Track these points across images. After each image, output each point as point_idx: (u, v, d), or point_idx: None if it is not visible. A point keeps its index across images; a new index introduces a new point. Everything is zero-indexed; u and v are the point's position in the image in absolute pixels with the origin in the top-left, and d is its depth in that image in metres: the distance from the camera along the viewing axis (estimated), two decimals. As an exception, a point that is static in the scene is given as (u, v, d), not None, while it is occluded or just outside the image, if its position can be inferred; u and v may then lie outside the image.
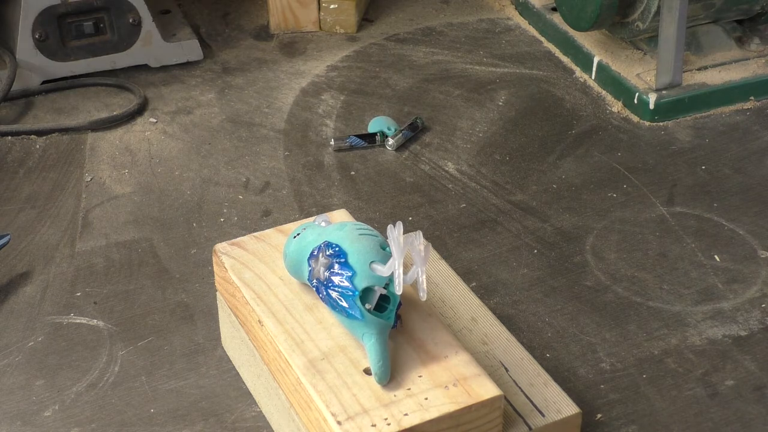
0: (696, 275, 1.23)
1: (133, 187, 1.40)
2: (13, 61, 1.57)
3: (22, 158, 1.46)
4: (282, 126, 1.53)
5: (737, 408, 1.06)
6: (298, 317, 0.97)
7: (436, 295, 1.08)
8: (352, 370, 0.91)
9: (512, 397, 0.97)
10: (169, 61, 1.67)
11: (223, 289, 1.07)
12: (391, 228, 0.89)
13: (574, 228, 1.32)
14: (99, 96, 1.61)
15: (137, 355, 1.12)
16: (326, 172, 1.43)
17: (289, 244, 0.99)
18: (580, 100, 1.59)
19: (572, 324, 1.16)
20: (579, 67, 1.66)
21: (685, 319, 1.17)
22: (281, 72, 1.67)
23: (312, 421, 0.91)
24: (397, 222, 0.90)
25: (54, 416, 1.05)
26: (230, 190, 1.39)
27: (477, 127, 1.53)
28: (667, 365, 1.11)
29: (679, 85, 1.55)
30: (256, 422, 1.04)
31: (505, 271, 1.24)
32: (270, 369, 0.99)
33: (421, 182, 1.41)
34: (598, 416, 1.05)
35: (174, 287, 1.22)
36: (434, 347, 0.94)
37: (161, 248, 1.28)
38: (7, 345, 1.14)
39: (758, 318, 1.17)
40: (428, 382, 0.90)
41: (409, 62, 1.69)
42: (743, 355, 1.12)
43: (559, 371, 1.09)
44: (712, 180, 1.41)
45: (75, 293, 1.21)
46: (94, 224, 1.33)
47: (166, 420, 1.04)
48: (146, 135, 1.51)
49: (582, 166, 1.44)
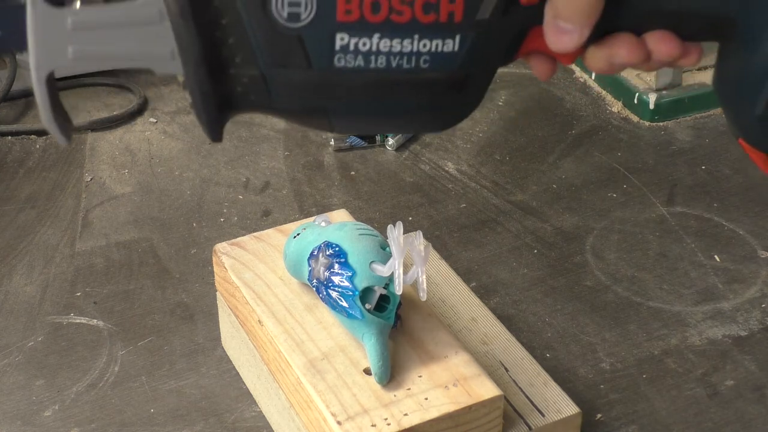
0: (696, 275, 1.23)
1: (133, 187, 1.40)
2: (13, 61, 1.57)
3: (22, 158, 1.46)
4: (282, 126, 1.53)
5: (737, 408, 1.06)
6: (298, 317, 0.97)
7: (436, 295, 1.08)
8: (352, 370, 0.91)
9: (512, 397, 0.97)
10: (169, 61, 1.66)
11: (223, 289, 1.07)
12: (391, 228, 0.89)
13: (574, 228, 1.32)
14: (99, 96, 1.61)
15: (137, 355, 1.12)
16: (326, 172, 1.43)
17: (289, 244, 0.99)
18: (580, 100, 1.59)
19: (572, 324, 1.16)
20: (579, 67, 1.66)
21: (685, 319, 1.17)
22: (281, 72, 1.67)
23: (312, 421, 0.91)
24: (397, 222, 0.90)
25: (54, 416, 1.05)
26: (230, 190, 1.39)
27: (477, 127, 1.53)
28: (667, 365, 1.11)
29: (679, 85, 1.55)
30: (256, 422, 1.04)
31: (505, 271, 1.24)
32: (270, 369, 0.99)
33: (421, 182, 1.41)
34: (598, 416, 1.05)
35: (174, 287, 1.22)
36: (434, 347, 0.94)
37: (161, 248, 1.28)
38: (7, 345, 1.14)
39: (758, 318, 1.17)
40: (428, 382, 0.90)
41: (409, 62, 1.69)
42: (743, 355, 1.12)
43: (559, 371, 1.09)
44: (712, 180, 1.41)
45: (75, 293, 1.21)
46: (94, 224, 1.33)
47: (166, 420, 1.04)
48: (146, 135, 1.51)
49: (582, 166, 1.44)
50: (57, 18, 0.65)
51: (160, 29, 0.65)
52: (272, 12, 0.64)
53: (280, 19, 0.64)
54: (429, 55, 0.65)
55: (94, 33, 0.65)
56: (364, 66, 0.65)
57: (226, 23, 0.64)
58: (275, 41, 0.65)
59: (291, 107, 0.68)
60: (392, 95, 0.67)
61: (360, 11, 0.64)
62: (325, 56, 0.65)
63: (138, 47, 0.66)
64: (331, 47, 0.64)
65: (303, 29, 0.64)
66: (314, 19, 0.64)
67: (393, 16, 0.64)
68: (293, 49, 0.65)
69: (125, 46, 0.66)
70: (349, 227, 0.95)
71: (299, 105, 0.67)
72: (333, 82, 0.66)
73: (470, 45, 0.65)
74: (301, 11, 0.64)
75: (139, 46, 0.66)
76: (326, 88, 0.66)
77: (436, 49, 0.65)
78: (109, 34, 0.65)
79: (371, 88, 0.66)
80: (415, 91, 0.67)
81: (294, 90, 0.66)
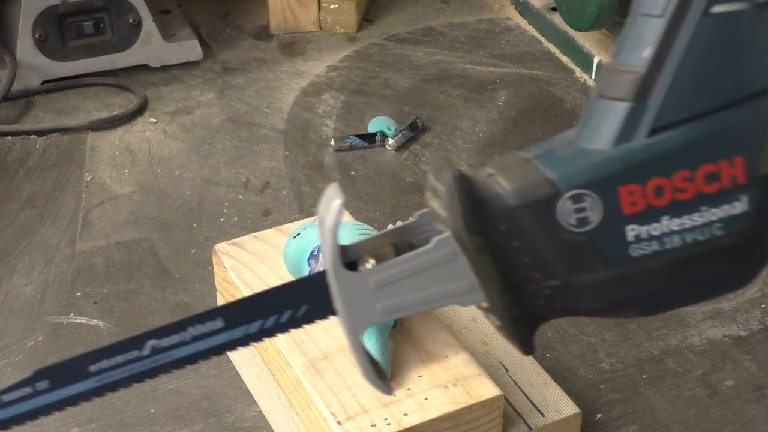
0: (696, 275, 1.23)
1: (133, 187, 1.40)
2: (13, 61, 1.57)
3: (22, 158, 1.46)
4: (282, 126, 1.53)
5: (737, 408, 1.06)
6: (298, 317, 0.97)
7: (436, 295, 1.08)
8: (352, 370, 0.91)
9: (512, 397, 0.97)
10: (169, 61, 1.67)
11: (223, 289, 1.07)
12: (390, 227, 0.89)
13: (574, 228, 1.31)
14: (99, 96, 1.61)
15: (137, 355, 1.12)
16: (326, 172, 1.43)
17: (289, 244, 0.99)
18: (580, 100, 1.59)
19: (572, 324, 1.16)
20: (579, 67, 1.66)
21: (685, 319, 1.17)
22: (281, 72, 1.67)
23: (312, 421, 0.91)
24: (397, 222, 0.90)
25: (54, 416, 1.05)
26: (230, 190, 1.39)
27: (477, 127, 1.53)
28: (667, 365, 1.11)
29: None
30: (256, 422, 1.04)
31: (505, 271, 1.24)
32: (270, 369, 0.98)
33: (421, 182, 1.41)
34: (598, 416, 1.05)
35: (174, 287, 1.22)
36: (434, 347, 0.94)
37: (161, 248, 1.28)
38: (7, 345, 1.14)
39: (758, 318, 1.17)
40: (428, 382, 0.90)
41: (409, 62, 1.69)
42: (743, 355, 1.12)
43: (559, 371, 1.09)
44: (712, 180, 1.41)
45: (75, 293, 1.21)
46: (94, 224, 1.33)
47: (166, 420, 1.04)
48: (146, 135, 1.51)
49: (582, 166, 1.44)
50: (359, 281, 0.69)
51: (456, 266, 0.68)
52: (560, 224, 0.66)
53: (569, 227, 0.66)
54: (721, 222, 0.66)
55: (397, 285, 0.69)
56: (660, 249, 0.67)
57: (517, 245, 0.67)
58: (568, 249, 0.66)
59: (597, 306, 0.69)
60: (693, 268, 0.68)
61: (645, 200, 0.65)
62: (621, 250, 0.66)
63: (438, 287, 0.69)
64: (623, 240, 0.66)
65: (593, 231, 0.66)
66: (602, 219, 0.66)
67: (678, 196, 0.66)
68: (588, 252, 0.67)
69: (426, 290, 0.70)
70: (349, 227, 0.95)
71: (604, 302, 0.69)
72: (633, 273, 0.67)
73: (758, 199, 0.66)
74: (588, 215, 0.65)
75: (439, 285, 0.69)
76: (627, 280, 0.67)
77: (727, 214, 0.66)
78: (410, 282, 0.69)
79: (671, 268, 0.67)
80: (714, 257, 0.68)
81: (596, 290, 0.68)
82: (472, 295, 0.69)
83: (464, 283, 0.69)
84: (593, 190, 0.65)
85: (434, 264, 0.69)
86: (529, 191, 0.66)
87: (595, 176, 0.65)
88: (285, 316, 0.74)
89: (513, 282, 0.67)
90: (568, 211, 0.65)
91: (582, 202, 0.65)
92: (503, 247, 0.67)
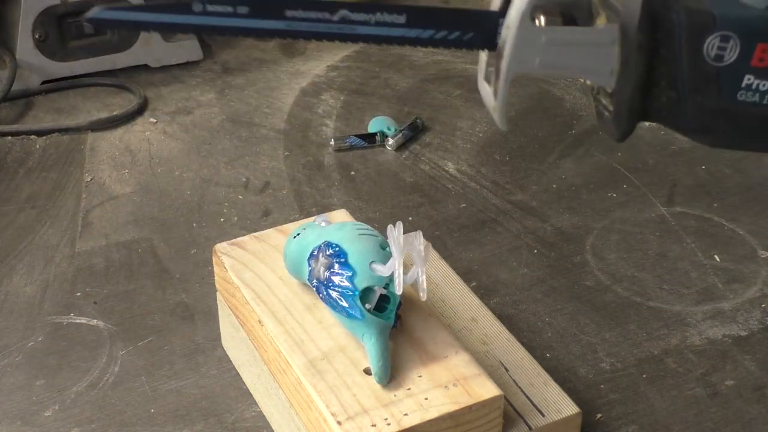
0: (696, 275, 1.23)
1: (133, 187, 1.40)
2: (13, 61, 1.57)
3: (22, 158, 1.46)
4: (282, 126, 1.53)
5: (737, 408, 1.06)
6: (298, 317, 0.97)
7: (436, 295, 1.08)
8: (352, 370, 0.91)
9: (512, 397, 0.97)
10: (169, 61, 1.67)
11: (223, 289, 1.07)
12: (391, 228, 0.89)
13: (574, 228, 1.32)
14: (99, 96, 1.61)
15: (137, 355, 1.12)
16: (326, 172, 1.43)
17: (289, 244, 0.99)
18: (580, 100, 1.59)
19: (572, 324, 1.16)
20: (579, 67, 1.66)
21: (685, 319, 1.17)
22: (281, 72, 1.67)
23: (312, 421, 0.91)
24: (397, 222, 0.90)
25: (54, 416, 1.05)
26: (230, 190, 1.39)
27: (477, 127, 1.53)
28: (667, 365, 1.11)
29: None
30: (256, 422, 1.04)
31: (505, 271, 1.24)
32: (270, 369, 0.99)
33: (421, 182, 1.41)
34: (598, 416, 1.05)
35: (174, 287, 1.22)
36: (434, 347, 0.94)
37: (161, 248, 1.28)
38: (7, 345, 1.14)
39: (758, 318, 1.17)
40: (428, 382, 0.90)
41: (409, 62, 1.69)
42: (743, 355, 1.12)
43: (559, 371, 1.09)
44: (712, 180, 1.41)
45: (75, 293, 1.21)
46: (94, 224, 1.33)
47: (166, 420, 1.04)
48: (146, 135, 1.51)
49: (582, 166, 1.44)
50: (535, 34, 0.82)
51: (609, 51, 0.82)
52: (703, 51, 0.80)
53: (708, 58, 0.80)
54: None
55: (561, 48, 0.82)
56: (759, 102, 0.82)
57: (663, 54, 0.81)
58: (698, 73, 0.81)
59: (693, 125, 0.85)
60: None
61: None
62: (732, 90, 0.81)
63: (587, 63, 0.83)
64: (738, 84, 0.81)
65: (722, 68, 0.81)
66: (734, 62, 0.80)
67: None
68: (710, 81, 0.81)
69: (578, 61, 0.83)
70: (349, 227, 0.95)
71: (700, 124, 0.84)
72: (732, 111, 0.82)
73: None
74: (725, 54, 0.80)
75: (588, 62, 0.83)
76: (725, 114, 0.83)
77: None
78: (571, 50, 0.83)
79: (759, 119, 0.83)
80: None
81: (701, 113, 0.83)
82: (606, 79, 0.83)
83: (607, 69, 0.82)
84: (740, 38, 0.79)
85: (594, 44, 0.82)
86: (694, 16, 0.79)
87: (746, 27, 0.79)
88: (454, 34, 0.85)
89: (646, 81, 0.82)
90: (713, 45, 0.79)
91: (726, 42, 0.79)
92: (652, 52, 0.81)
